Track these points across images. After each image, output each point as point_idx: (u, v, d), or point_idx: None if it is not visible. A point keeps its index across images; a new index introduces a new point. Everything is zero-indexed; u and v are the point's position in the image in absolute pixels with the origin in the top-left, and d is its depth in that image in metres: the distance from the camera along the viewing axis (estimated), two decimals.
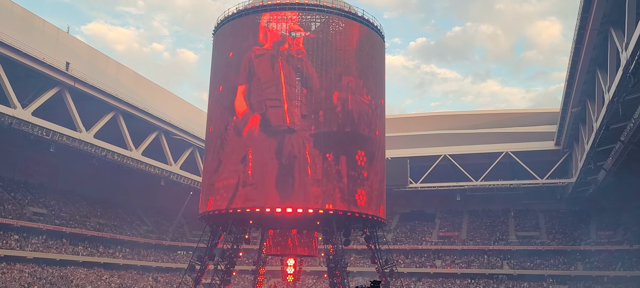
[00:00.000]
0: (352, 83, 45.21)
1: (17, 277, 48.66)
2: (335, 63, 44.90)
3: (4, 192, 55.99)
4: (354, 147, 44.38)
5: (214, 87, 48.55)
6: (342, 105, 44.40)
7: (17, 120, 48.66)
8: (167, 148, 67.61)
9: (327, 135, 43.35)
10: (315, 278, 64.96)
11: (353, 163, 43.95)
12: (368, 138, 45.85)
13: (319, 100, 43.87)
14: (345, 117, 44.39)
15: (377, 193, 46.29)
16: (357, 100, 45.29)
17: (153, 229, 73.72)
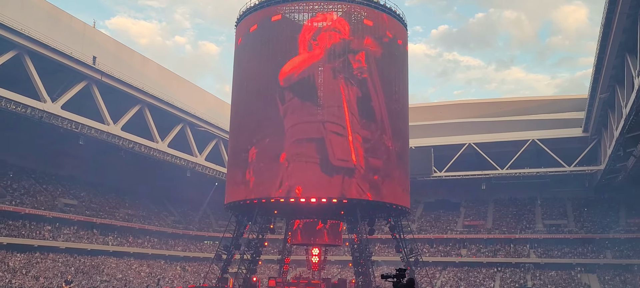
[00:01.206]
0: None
1: (50, 266, 50.09)
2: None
3: (36, 184, 57.57)
4: (381, 139, 44.36)
5: (239, 85, 48.51)
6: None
7: (47, 113, 49.86)
8: (192, 140, 68.50)
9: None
10: (340, 267, 65.31)
11: (378, 153, 43.93)
12: (394, 130, 45.78)
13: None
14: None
15: (401, 182, 46.22)
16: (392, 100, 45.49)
17: (180, 219, 74.96)
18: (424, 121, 72.22)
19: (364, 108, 43.78)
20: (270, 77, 44.76)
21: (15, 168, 57.13)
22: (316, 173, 41.98)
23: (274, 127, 43.68)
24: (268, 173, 43.32)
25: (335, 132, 42.55)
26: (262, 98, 45.15)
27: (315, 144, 42.32)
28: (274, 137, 43.52)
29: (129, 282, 52.50)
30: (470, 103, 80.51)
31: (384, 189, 43.91)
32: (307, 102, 43.21)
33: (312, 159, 42.01)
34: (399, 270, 9.82)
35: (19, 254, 48.76)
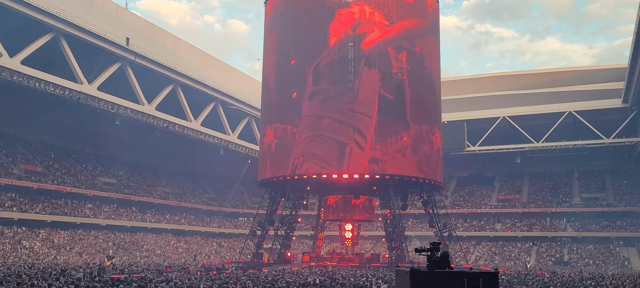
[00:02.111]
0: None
1: (93, 243, 51.92)
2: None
3: (76, 164, 59.41)
4: (412, 113, 43.98)
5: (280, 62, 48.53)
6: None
7: (84, 95, 51.20)
8: (224, 119, 69.34)
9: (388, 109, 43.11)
10: (374, 243, 65.62)
11: (410, 128, 43.63)
12: (426, 104, 45.33)
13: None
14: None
15: (434, 157, 45.90)
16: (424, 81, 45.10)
17: (214, 197, 76.35)
18: (456, 95, 71.24)
19: (396, 99, 43.52)
20: (299, 58, 44.72)
21: (56, 148, 59.07)
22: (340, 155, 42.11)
23: (297, 110, 43.81)
24: (290, 152, 43.65)
25: (357, 141, 42.31)
26: (288, 78, 45.22)
27: (337, 145, 42.29)
28: (297, 119, 43.67)
29: (168, 257, 53.97)
30: (503, 75, 78.92)
31: (416, 165, 43.68)
32: (336, 97, 42.96)
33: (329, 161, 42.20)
34: (433, 244, 9.84)
35: (63, 231, 50.65)
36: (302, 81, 43.98)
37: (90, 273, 25.98)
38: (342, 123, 42.24)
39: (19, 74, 45.82)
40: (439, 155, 47.27)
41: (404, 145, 43.13)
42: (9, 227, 46.33)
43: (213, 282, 20.90)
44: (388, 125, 42.74)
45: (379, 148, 42.34)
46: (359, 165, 42.04)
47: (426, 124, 45.08)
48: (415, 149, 43.73)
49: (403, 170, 42.99)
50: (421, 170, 44.03)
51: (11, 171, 49.83)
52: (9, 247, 43.98)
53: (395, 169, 42.68)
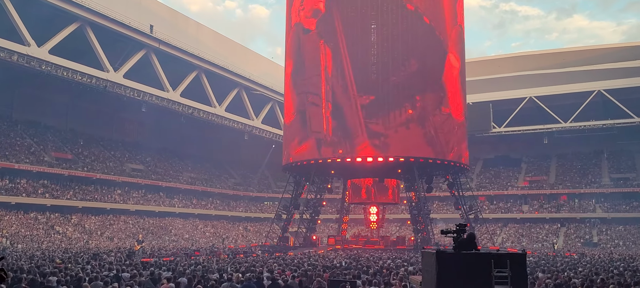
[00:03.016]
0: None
1: (123, 228, 53.10)
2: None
3: (105, 151, 60.61)
4: (433, 92, 43.57)
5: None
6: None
7: (110, 83, 52.03)
8: (248, 104, 69.75)
9: (408, 81, 42.75)
10: (399, 225, 65.62)
11: (433, 109, 43.26)
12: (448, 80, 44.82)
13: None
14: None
15: (459, 139, 45.49)
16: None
17: (240, 182, 77.12)
18: (481, 76, 70.25)
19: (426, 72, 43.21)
20: (322, 38, 44.54)
21: (85, 136, 60.32)
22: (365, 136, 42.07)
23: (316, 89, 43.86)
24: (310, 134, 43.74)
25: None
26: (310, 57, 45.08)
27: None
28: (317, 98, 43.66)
29: (196, 242, 54.86)
30: (529, 55, 77.46)
31: (440, 147, 43.37)
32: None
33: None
34: (459, 226, 9.84)
35: (94, 217, 51.88)
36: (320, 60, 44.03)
37: (121, 257, 26.62)
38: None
39: (47, 63, 46.78)
40: (464, 137, 46.83)
41: (427, 125, 42.82)
42: (42, 213, 47.66)
43: (240, 265, 21.22)
44: (414, 106, 42.50)
45: (408, 129, 42.18)
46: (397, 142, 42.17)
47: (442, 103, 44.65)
48: (440, 132, 43.37)
49: (426, 153, 42.72)
50: (445, 152, 43.71)
51: (43, 159, 51.10)
52: (42, 232, 45.30)
53: (420, 152, 42.46)
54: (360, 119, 42.09)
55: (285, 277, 16.23)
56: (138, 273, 16.56)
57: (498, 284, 8.42)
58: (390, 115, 42.01)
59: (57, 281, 14.12)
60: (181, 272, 17.51)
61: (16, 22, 44.86)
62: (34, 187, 48.29)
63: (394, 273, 17.54)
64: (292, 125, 46.77)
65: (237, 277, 15.94)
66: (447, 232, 9.98)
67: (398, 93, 42.43)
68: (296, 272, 18.03)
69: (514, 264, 8.57)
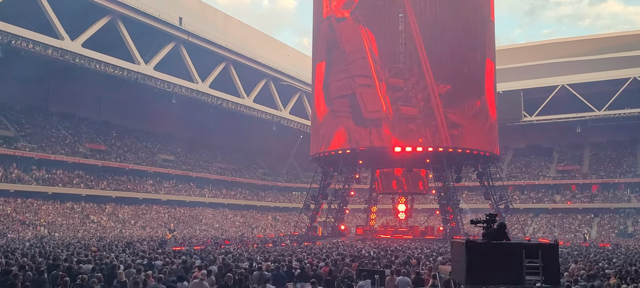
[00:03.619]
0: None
1: (155, 217, 54.19)
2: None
3: (137, 142, 61.82)
4: (464, 80, 43.05)
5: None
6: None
7: (141, 75, 52.99)
8: (276, 95, 70.11)
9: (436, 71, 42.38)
10: (427, 216, 65.21)
11: (462, 98, 42.77)
12: (477, 68, 44.22)
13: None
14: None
15: (489, 128, 44.89)
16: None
17: (268, 172, 77.72)
18: (512, 64, 69.00)
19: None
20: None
21: (118, 127, 61.62)
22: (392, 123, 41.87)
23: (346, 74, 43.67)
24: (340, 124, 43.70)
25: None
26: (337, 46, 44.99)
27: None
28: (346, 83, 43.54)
29: (226, 231, 55.63)
30: (561, 42, 75.63)
31: (470, 136, 42.90)
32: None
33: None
34: (489, 216, 9.73)
35: (127, 206, 53.06)
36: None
37: (154, 246, 27.20)
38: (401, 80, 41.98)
39: (80, 57, 47.89)
40: (495, 126, 46.20)
41: (455, 117, 42.41)
42: (77, 202, 48.96)
43: (269, 254, 21.46)
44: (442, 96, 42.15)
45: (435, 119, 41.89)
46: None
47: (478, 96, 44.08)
48: (468, 121, 42.92)
49: (455, 143, 42.34)
50: (475, 142, 43.25)
51: (77, 150, 52.41)
52: (78, 221, 46.57)
53: (448, 142, 42.14)
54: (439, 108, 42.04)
55: (314, 266, 16.36)
56: (170, 261, 16.94)
57: (529, 275, 8.33)
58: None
59: (93, 268, 14.55)
60: (212, 261, 17.82)
61: (50, 17, 45.98)
62: (69, 177, 49.61)
63: (423, 264, 17.51)
64: (324, 115, 46.80)
65: (266, 265, 16.15)
66: (477, 221, 9.89)
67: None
68: (325, 262, 18.16)
69: (546, 254, 8.44)
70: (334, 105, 45.19)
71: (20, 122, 51.09)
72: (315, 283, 11.65)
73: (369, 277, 13.44)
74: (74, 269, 14.13)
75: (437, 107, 41.83)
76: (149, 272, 13.78)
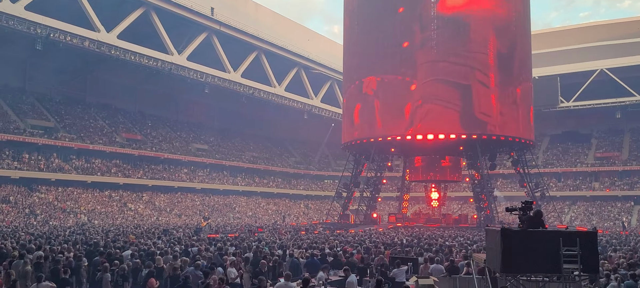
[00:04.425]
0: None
1: (190, 205, 55.21)
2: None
3: (171, 131, 62.93)
4: (497, 65, 42.24)
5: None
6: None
7: (175, 65, 53.81)
8: (307, 83, 70.19)
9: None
10: (461, 203, 64.48)
11: (497, 83, 41.99)
12: (511, 53, 43.30)
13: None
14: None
15: (524, 114, 43.99)
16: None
17: (300, 160, 78.09)
18: (548, 48, 67.32)
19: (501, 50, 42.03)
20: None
21: (153, 118, 62.83)
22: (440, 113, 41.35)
23: (402, 59, 43.15)
24: (388, 112, 43.42)
25: (481, 81, 41.36)
26: (393, 27, 44.26)
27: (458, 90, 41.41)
28: (410, 69, 42.98)
29: (259, 219, 56.28)
30: (599, 25, 73.27)
31: (504, 123, 42.13)
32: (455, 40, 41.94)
33: (453, 105, 41.34)
34: (525, 203, 9.59)
35: (163, 194, 54.18)
36: (410, 30, 43.18)
37: (189, 233, 27.76)
38: (461, 65, 41.29)
39: (116, 48, 48.93)
40: (531, 113, 45.25)
41: (492, 103, 41.71)
42: (116, 191, 50.26)
43: (302, 242, 21.64)
44: None
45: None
46: (489, 103, 41.34)
47: (514, 81, 43.19)
48: (503, 106, 42.14)
49: (491, 130, 41.67)
50: (510, 128, 42.47)
51: (114, 140, 53.71)
52: (116, 209, 47.84)
53: (480, 129, 41.49)
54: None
55: (347, 253, 16.43)
56: (205, 248, 17.29)
57: (567, 263, 8.18)
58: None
59: (131, 254, 14.96)
60: (246, 248, 18.10)
61: (87, 9, 47.06)
62: (107, 167, 50.91)
63: (457, 251, 17.39)
64: (355, 101, 46.67)
65: (299, 253, 16.31)
66: (512, 209, 9.77)
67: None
68: (357, 249, 18.22)
69: (584, 243, 8.28)
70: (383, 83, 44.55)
71: (60, 112, 52.61)
72: (348, 271, 11.71)
73: (397, 266, 13.44)
74: (114, 255, 14.58)
75: (474, 92, 41.23)
76: (185, 258, 14.11)
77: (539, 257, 8.47)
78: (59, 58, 47.30)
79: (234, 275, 12.32)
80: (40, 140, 46.18)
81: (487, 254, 10.39)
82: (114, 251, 15.41)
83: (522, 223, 9.18)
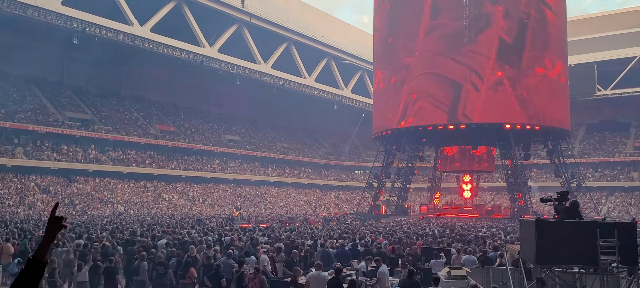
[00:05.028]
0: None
1: (222, 196, 55.98)
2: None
3: (203, 123, 63.80)
4: (531, 52, 41.36)
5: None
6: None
7: (206, 57, 54.48)
8: (337, 74, 70.10)
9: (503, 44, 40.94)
10: (493, 194, 63.62)
11: (530, 70, 41.14)
12: (546, 40, 42.33)
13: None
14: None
15: (560, 103, 42.99)
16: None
17: (331, 151, 78.18)
18: (584, 35, 65.47)
19: (516, 41, 41.11)
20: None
21: (186, 109, 63.80)
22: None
23: (411, 45, 42.81)
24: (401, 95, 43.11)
25: (474, 83, 40.71)
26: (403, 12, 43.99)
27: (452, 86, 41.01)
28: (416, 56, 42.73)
29: (290, 209, 56.67)
30: (637, 10, 70.83)
31: (539, 112, 41.27)
32: (454, 34, 41.33)
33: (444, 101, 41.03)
34: (561, 193, 9.42)
35: (196, 185, 55.08)
36: (418, 15, 42.89)
37: (222, 223, 28.18)
38: (460, 63, 40.76)
39: (149, 41, 49.82)
40: (566, 101, 44.21)
41: (520, 90, 40.89)
42: (150, 181, 51.34)
43: (333, 232, 21.75)
44: (503, 68, 40.68)
45: (497, 92, 40.54)
46: (474, 109, 40.59)
47: (548, 67, 42.24)
48: (535, 94, 41.26)
49: (521, 118, 40.89)
50: (544, 117, 41.58)
51: (149, 131, 54.77)
52: (151, 199, 48.88)
53: (513, 117, 40.76)
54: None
55: (378, 243, 16.44)
56: (238, 238, 17.55)
57: (604, 254, 8.02)
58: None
59: (166, 243, 15.30)
60: (277, 238, 18.29)
61: (120, 3, 48.01)
62: (142, 158, 52.00)
63: (490, 242, 17.20)
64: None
65: (331, 243, 16.40)
66: (547, 199, 9.62)
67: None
68: (389, 240, 18.20)
69: (623, 234, 8.09)
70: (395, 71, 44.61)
71: (96, 105, 53.91)
72: (379, 261, 11.73)
73: (435, 256, 13.37)
74: (150, 244, 14.95)
75: (505, 80, 40.53)
76: (217, 248, 14.37)
77: (575, 249, 8.33)
78: (95, 52, 48.46)
79: (267, 265, 12.48)
80: (78, 132, 47.51)
81: (522, 245, 10.26)
82: (149, 240, 15.79)
83: (558, 214, 9.04)
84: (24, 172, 42.65)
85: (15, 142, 44.21)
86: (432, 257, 13.60)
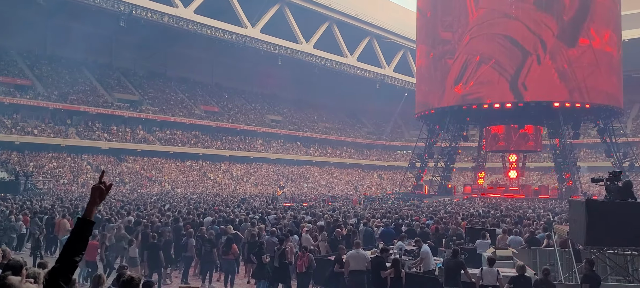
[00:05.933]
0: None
1: (265, 175, 56.77)
2: None
3: (246, 103, 64.57)
4: (581, 26, 39.72)
5: None
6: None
7: (249, 38, 54.92)
8: (379, 53, 69.38)
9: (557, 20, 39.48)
10: (540, 174, 61.98)
11: (581, 46, 39.55)
12: (600, 16, 40.52)
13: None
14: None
15: (612, 79, 41.23)
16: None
17: (373, 131, 77.83)
18: (639, 8, 62.23)
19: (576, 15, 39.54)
20: None
21: (229, 90, 64.70)
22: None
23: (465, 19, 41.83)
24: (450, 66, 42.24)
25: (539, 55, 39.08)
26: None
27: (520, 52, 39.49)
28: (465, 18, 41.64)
29: (332, 188, 56.94)
30: None
31: (589, 89, 39.71)
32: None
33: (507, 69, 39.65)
34: (613, 173, 9.10)
35: (239, 164, 56.02)
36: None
37: (265, 201, 28.62)
38: (528, 29, 39.28)
39: (193, 23, 50.57)
40: (618, 76, 42.35)
41: (561, 62, 39.35)
42: (196, 161, 52.54)
43: (376, 211, 21.75)
44: (559, 45, 39.28)
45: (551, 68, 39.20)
46: (532, 82, 39.17)
47: (603, 44, 40.48)
48: (588, 71, 39.67)
49: (563, 93, 39.38)
50: (596, 95, 40.01)
51: (193, 112, 55.89)
52: (197, 178, 50.06)
53: (557, 93, 39.34)
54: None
55: (422, 223, 16.35)
56: (281, 216, 17.81)
57: None
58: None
59: (212, 221, 15.68)
60: (320, 216, 18.44)
61: None
62: (187, 138, 53.20)
63: (537, 223, 16.83)
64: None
65: (373, 222, 16.42)
66: (598, 179, 9.33)
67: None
68: (432, 219, 18.07)
69: None
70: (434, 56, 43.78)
71: (143, 86, 55.33)
72: (419, 241, 11.68)
73: (480, 236, 13.19)
74: (196, 221, 15.37)
75: (554, 57, 39.13)
76: (262, 226, 14.62)
77: (627, 230, 8.07)
78: (141, 34, 49.63)
79: (311, 243, 12.63)
80: (126, 113, 49.00)
81: (571, 226, 10.01)
82: (196, 218, 16.23)
83: (610, 194, 8.75)
84: (76, 151, 44.44)
85: (69, 122, 46.06)
86: (476, 237, 13.42)
